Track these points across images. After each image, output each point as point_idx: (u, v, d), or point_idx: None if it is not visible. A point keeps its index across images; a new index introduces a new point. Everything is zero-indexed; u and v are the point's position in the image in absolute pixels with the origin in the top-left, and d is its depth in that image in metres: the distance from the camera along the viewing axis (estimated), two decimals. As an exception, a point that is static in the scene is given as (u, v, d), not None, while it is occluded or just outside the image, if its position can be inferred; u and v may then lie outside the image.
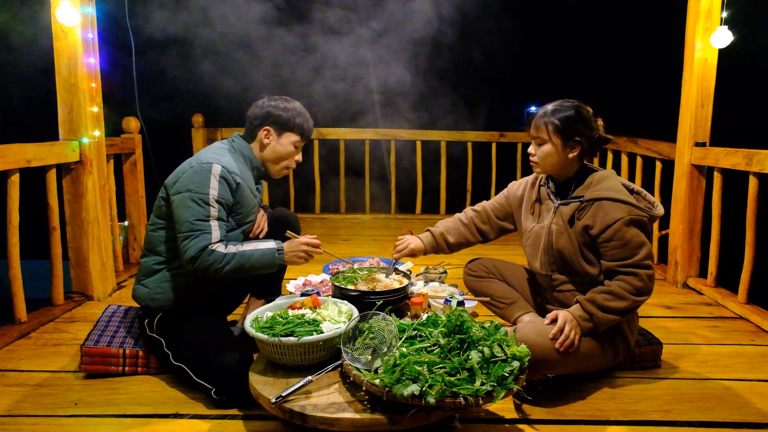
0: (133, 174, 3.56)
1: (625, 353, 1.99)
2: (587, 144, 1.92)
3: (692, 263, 3.26)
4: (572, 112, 1.90)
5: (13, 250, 2.44)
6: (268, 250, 1.93)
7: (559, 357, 1.78)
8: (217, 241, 1.85)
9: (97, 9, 2.80)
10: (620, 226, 1.80)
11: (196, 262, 1.82)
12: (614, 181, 1.91)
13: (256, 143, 2.10)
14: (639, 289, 1.80)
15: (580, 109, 1.92)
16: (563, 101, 1.95)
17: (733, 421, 1.79)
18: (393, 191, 5.52)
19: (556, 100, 1.99)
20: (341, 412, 1.48)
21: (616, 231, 1.80)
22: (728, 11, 2.94)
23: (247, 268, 1.89)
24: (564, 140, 1.90)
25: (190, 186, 1.87)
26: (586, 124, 1.91)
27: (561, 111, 1.91)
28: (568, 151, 1.92)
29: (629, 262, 1.80)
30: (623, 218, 1.80)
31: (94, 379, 2.02)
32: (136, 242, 3.56)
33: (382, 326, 1.64)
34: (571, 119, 1.90)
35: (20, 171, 2.50)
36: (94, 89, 2.82)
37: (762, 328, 2.57)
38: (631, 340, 1.98)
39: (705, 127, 3.15)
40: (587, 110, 1.94)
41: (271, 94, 2.13)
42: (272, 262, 1.93)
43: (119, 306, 2.33)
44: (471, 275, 2.40)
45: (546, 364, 1.78)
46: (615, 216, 1.81)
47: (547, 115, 1.93)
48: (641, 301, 1.82)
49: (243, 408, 1.80)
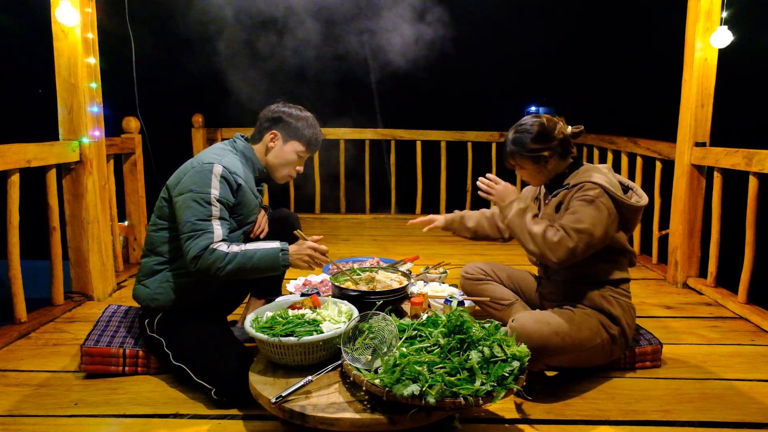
0: (133, 174, 3.56)
1: (623, 345, 2.01)
2: (559, 148, 1.99)
3: (692, 263, 3.26)
4: (530, 135, 1.98)
5: (13, 250, 2.44)
6: (271, 249, 1.89)
7: (558, 342, 1.81)
8: (220, 241, 1.85)
9: (97, 9, 2.80)
10: (580, 199, 1.88)
11: (198, 261, 1.81)
12: (599, 171, 1.97)
13: (261, 145, 2.10)
14: (550, 244, 1.83)
15: (536, 126, 1.98)
16: (519, 124, 2.03)
17: (733, 421, 1.79)
18: (393, 191, 5.52)
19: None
20: (341, 412, 1.48)
21: (575, 201, 1.89)
22: (728, 11, 2.94)
23: (250, 268, 1.86)
24: (535, 161, 1.99)
25: (192, 186, 1.87)
26: (547, 137, 1.97)
27: (519, 138, 2.00)
28: (544, 164, 2.00)
29: (563, 224, 1.86)
30: (587, 196, 1.87)
31: (94, 379, 2.02)
32: (136, 242, 3.56)
33: (382, 326, 1.64)
34: (530, 141, 1.97)
35: (20, 171, 2.50)
36: (94, 89, 2.82)
37: (762, 328, 2.57)
38: (629, 332, 1.99)
39: (705, 127, 3.15)
40: (542, 122, 1.99)
41: (285, 100, 2.14)
42: (275, 262, 1.89)
43: (119, 306, 2.33)
44: (468, 278, 2.41)
45: (545, 351, 1.80)
46: (582, 193, 1.89)
47: (509, 145, 2.03)
48: (538, 253, 1.86)
49: (243, 408, 1.80)
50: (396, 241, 4.43)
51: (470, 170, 5.44)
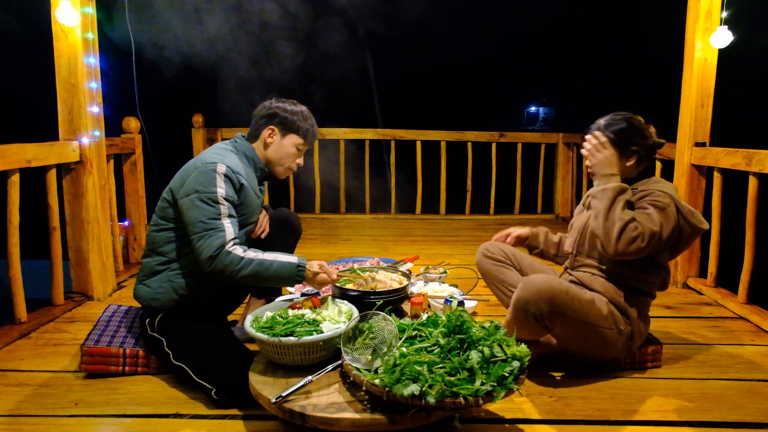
0: (133, 174, 3.56)
1: (628, 347, 1.99)
2: (644, 151, 2.00)
3: (692, 263, 3.26)
4: (629, 124, 1.98)
5: (13, 250, 2.44)
6: (288, 264, 1.87)
7: (565, 299, 1.81)
8: (232, 239, 1.84)
9: (97, 9, 2.80)
10: (654, 204, 1.87)
11: (214, 261, 1.80)
12: (669, 185, 1.98)
13: (260, 142, 2.10)
14: (626, 235, 1.79)
15: (632, 120, 2.00)
16: (614, 114, 2.03)
17: (733, 421, 1.79)
18: (393, 191, 5.52)
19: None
20: (341, 412, 1.48)
21: (648, 204, 1.88)
22: (728, 11, 2.94)
23: (265, 277, 1.85)
24: (621, 149, 1.98)
25: (198, 187, 1.87)
26: (642, 134, 1.99)
27: (618, 123, 1.99)
28: (626, 159, 2.00)
29: (648, 199, 1.87)
30: (660, 202, 1.87)
31: (94, 379, 2.02)
32: (136, 242, 3.56)
33: (382, 326, 1.64)
34: (626, 129, 1.98)
35: (20, 171, 2.50)
36: (94, 89, 2.82)
37: (762, 328, 2.57)
38: (637, 338, 1.99)
39: (705, 127, 3.15)
40: (639, 120, 2.01)
41: (278, 95, 2.14)
42: (290, 277, 1.88)
43: (119, 306, 2.33)
44: (488, 257, 2.32)
45: (552, 303, 1.79)
46: (656, 199, 1.88)
47: (601, 129, 2.00)
48: (604, 235, 1.82)
49: (243, 408, 1.80)
50: (396, 241, 4.43)
51: (470, 170, 5.45)
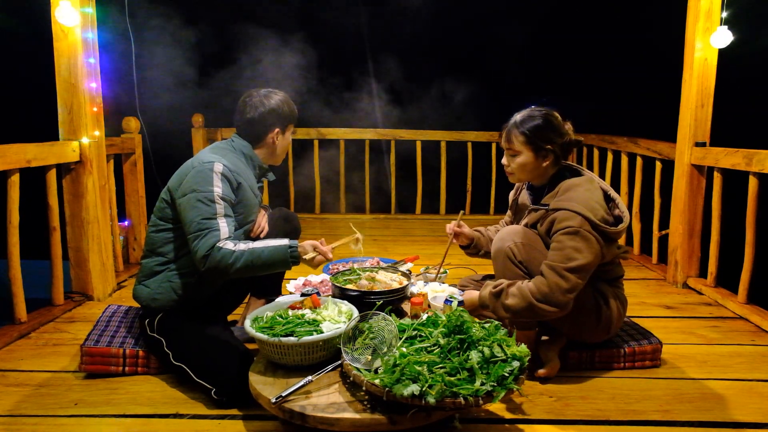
0: (133, 174, 3.56)
1: (615, 322, 2.01)
2: (559, 150, 1.95)
3: (692, 263, 3.26)
4: (541, 121, 1.93)
5: (13, 250, 2.44)
6: (280, 246, 1.88)
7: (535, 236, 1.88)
8: (226, 238, 1.85)
9: (97, 9, 2.80)
10: (564, 233, 1.82)
11: (207, 260, 1.81)
12: (581, 191, 1.89)
13: (267, 146, 2.11)
14: (544, 294, 1.78)
15: (549, 117, 1.94)
16: (531, 109, 1.98)
17: (733, 421, 1.79)
18: (393, 191, 5.52)
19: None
20: (341, 412, 1.48)
21: (559, 235, 1.83)
22: (728, 11, 2.94)
23: (260, 265, 1.85)
24: (536, 150, 1.94)
25: (195, 186, 1.87)
26: (555, 132, 1.94)
27: (530, 120, 1.94)
28: (541, 160, 1.95)
29: (552, 263, 1.80)
30: (571, 227, 1.81)
31: (94, 379, 2.02)
32: (136, 242, 3.56)
33: (382, 326, 1.64)
34: (540, 128, 1.92)
35: (20, 171, 2.50)
36: (94, 89, 2.82)
37: (762, 328, 2.57)
38: (615, 309, 2.00)
39: (705, 127, 3.15)
40: (555, 116, 1.96)
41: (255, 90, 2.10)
42: (284, 258, 1.88)
43: (119, 306, 2.33)
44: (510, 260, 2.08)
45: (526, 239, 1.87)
46: (565, 224, 1.82)
47: (517, 125, 1.95)
48: (542, 309, 1.78)
49: (243, 408, 1.80)
50: (396, 241, 4.43)
51: (470, 170, 5.45)
